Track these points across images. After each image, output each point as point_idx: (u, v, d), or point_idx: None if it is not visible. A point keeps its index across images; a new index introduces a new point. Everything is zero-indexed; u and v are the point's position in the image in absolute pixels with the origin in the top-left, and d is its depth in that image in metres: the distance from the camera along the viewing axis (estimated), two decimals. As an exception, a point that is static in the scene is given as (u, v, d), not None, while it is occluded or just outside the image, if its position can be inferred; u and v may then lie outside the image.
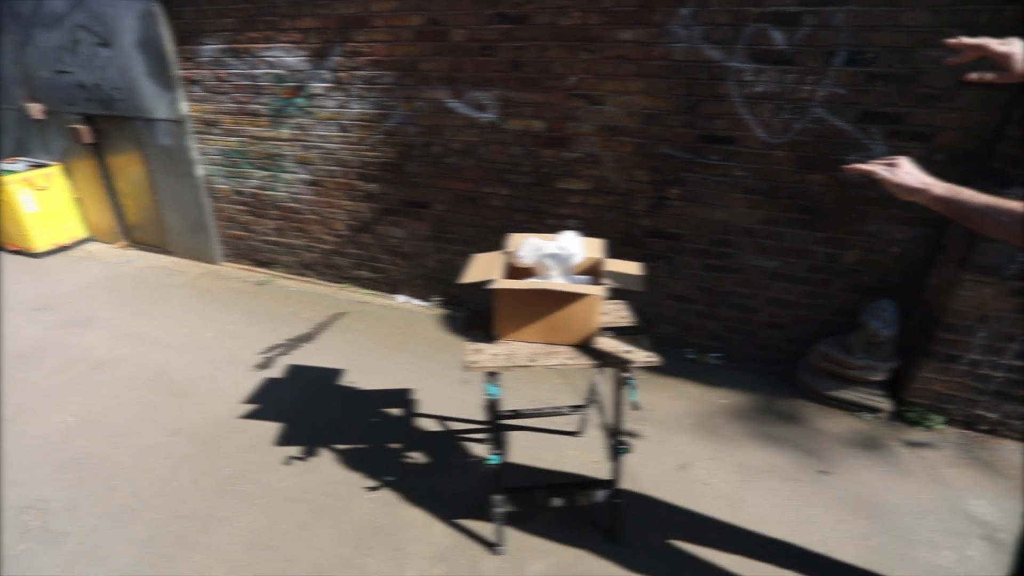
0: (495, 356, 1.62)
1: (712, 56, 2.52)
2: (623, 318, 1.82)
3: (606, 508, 1.97)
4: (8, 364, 3.04)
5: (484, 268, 1.71)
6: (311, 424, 2.60)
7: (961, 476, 2.29)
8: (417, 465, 2.37)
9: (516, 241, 1.82)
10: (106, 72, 3.96)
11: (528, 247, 1.73)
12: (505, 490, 1.88)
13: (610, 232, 2.96)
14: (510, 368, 1.59)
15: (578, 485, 2.00)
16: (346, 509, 2.14)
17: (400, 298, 3.91)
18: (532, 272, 1.76)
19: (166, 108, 3.93)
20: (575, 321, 1.63)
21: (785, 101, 2.48)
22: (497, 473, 1.82)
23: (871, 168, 1.12)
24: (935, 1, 2.13)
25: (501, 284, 1.60)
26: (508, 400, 2.62)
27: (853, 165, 1.14)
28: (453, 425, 2.61)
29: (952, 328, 2.38)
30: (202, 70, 3.75)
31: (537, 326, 1.66)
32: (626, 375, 1.71)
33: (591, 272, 1.79)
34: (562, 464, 2.35)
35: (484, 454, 2.38)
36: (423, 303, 3.84)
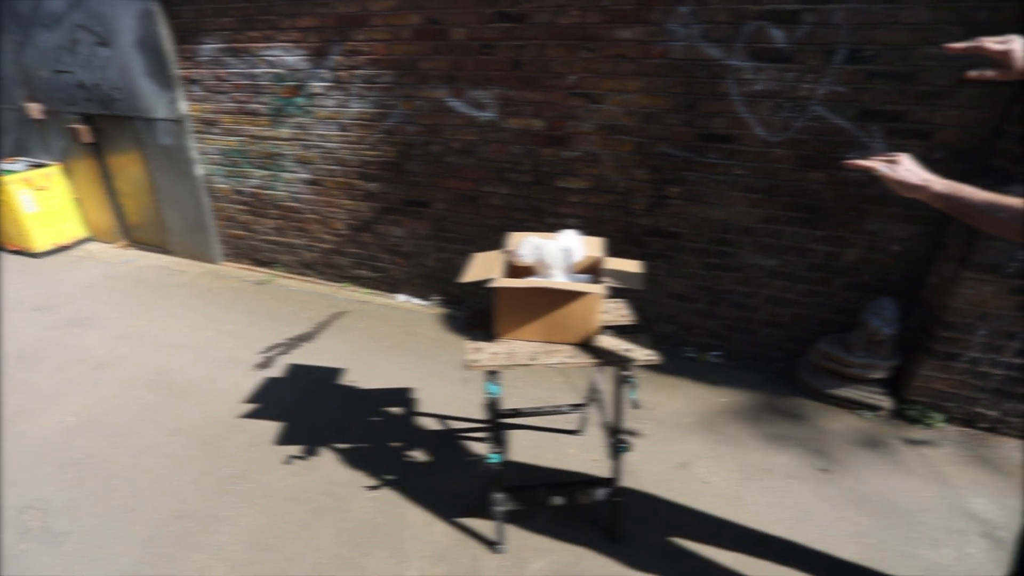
0: (495, 355, 1.62)
1: (711, 54, 2.52)
2: (623, 317, 1.82)
3: (606, 506, 1.97)
4: (8, 364, 3.05)
5: (484, 267, 1.71)
6: (311, 423, 2.60)
7: (961, 474, 2.29)
8: (417, 464, 2.37)
9: (516, 240, 1.82)
10: (105, 72, 3.96)
11: (528, 246, 1.73)
12: (506, 488, 1.88)
13: (610, 231, 2.96)
14: (510, 367, 1.59)
15: (578, 483, 1.99)
16: (346, 508, 2.14)
17: (400, 297, 3.91)
18: (532, 271, 1.76)
19: (166, 108, 3.93)
20: (575, 320, 1.63)
21: (784, 99, 2.48)
22: (497, 472, 1.82)
23: (871, 165, 1.12)
24: (935, -2, 2.13)
25: (501, 283, 1.60)
26: (508, 399, 2.62)
27: (853, 161, 1.14)
28: (453, 424, 2.61)
29: (952, 326, 2.38)
30: (201, 69, 3.75)
31: (537, 325, 1.65)
32: (626, 373, 1.71)
33: (591, 271, 1.79)
34: (562, 463, 2.36)
35: (484, 453, 2.39)
36: (423, 302, 3.84)
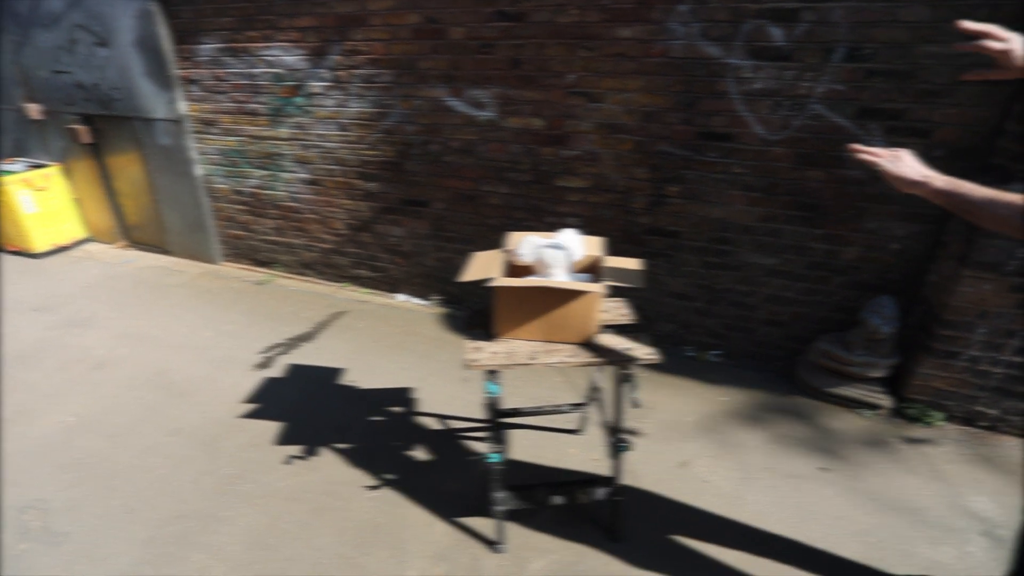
0: (495, 354, 1.62)
1: (710, 53, 2.52)
2: (623, 316, 1.82)
3: (607, 506, 1.97)
4: (8, 364, 3.04)
5: (484, 266, 1.71)
6: (311, 423, 2.60)
7: (961, 472, 2.29)
8: (417, 464, 2.37)
9: (515, 239, 1.82)
10: (104, 72, 3.96)
11: (527, 245, 1.73)
12: (506, 488, 1.88)
13: (609, 230, 2.95)
14: (510, 366, 1.59)
15: (579, 483, 1.99)
16: (346, 508, 2.14)
17: (400, 297, 3.90)
18: (532, 270, 1.76)
19: (165, 108, 3.92)
20: (575, 319, 1.63)
21: (784, 98, 2.48)
22: (498, 471, 1.82)
23: (873, 159, 1.12)
24: (934, -3, 2.13)
25: (501, 282, 1.60)
26: (508, 398, 2.62)
27: (857, 147, 1.15)
28: (453, 424, 2.61)
29: (952, 324, 2.38)
30: (200, 69, 3.74)
31: (537, 324, 1.65)
32: (626, 373, 1.71)
33: (591, 270, 1.79)
34: (563, 462, 2.36)
35: (484, 452, 2.38)
36: (423, 302, 3.84)
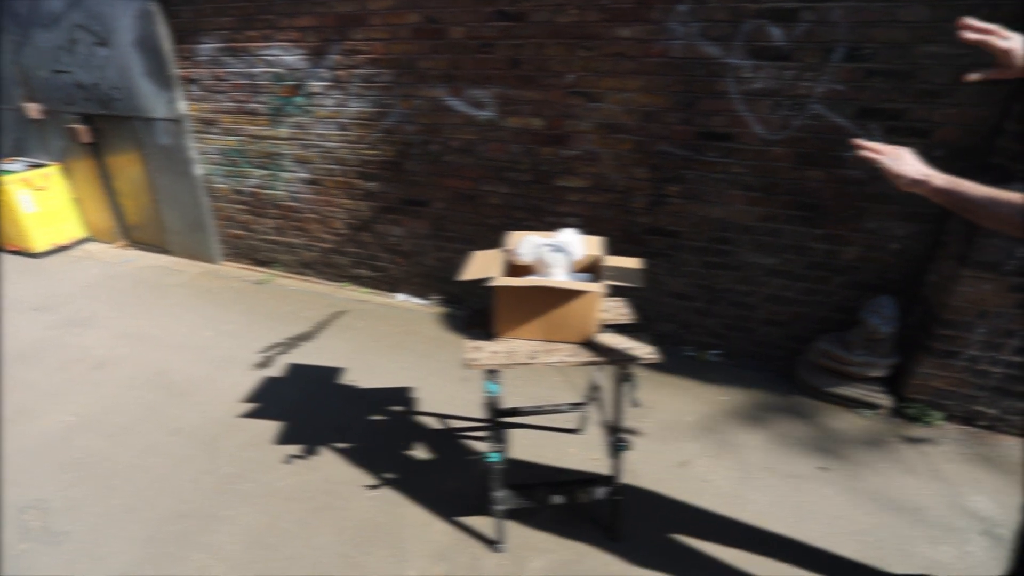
0: (495, 354, 1.62)
1: (710, 53, 2.52)
2: (623, 315, 1.82)
3: (606, 505, 1.97)
4: (8, 364, 3.04)
5: (483, 266, 1.71)
6: (311, 423, 2.60)
7: (960, 472, 2.30)
8: (417, 463, 2.37)
9: (515, 239, 1.82)
10: (104, 71, 3.96)
11: (527, 244, 1.73)
12: (506, 487, 1.88)
13: (609, 230, 2.95)
14: (510, 366, 1.59)
15: (578, 482, 1.99)
16: (346, 507, 2.14)
17: (399, 296, 3.91)
18: (531, 270, 1.76)
19: (164, 107, 3.92)
20: (575, 318, 1.63)
21: (783, 97, 2.48)
22: (497, 470, 1.82)
23: (875, 156, 1.13)
24: (933, -3, 2.13)
25: (501, 282, 1.60)
26: (508, 398, 2.62)
27: (860, 142, 1.15)
28: (453, 423, 2.61)
29: (951, 324, 2.38)
30: (200, 69, 3.74)
31: (537, 324, 1.65)
32: (626, 372, 1.71)
33: (591, 269, 1.79)
34: (562, 461, 2.36)
35: (484, 452, 2.39)
36: (422, 301, 3.84)
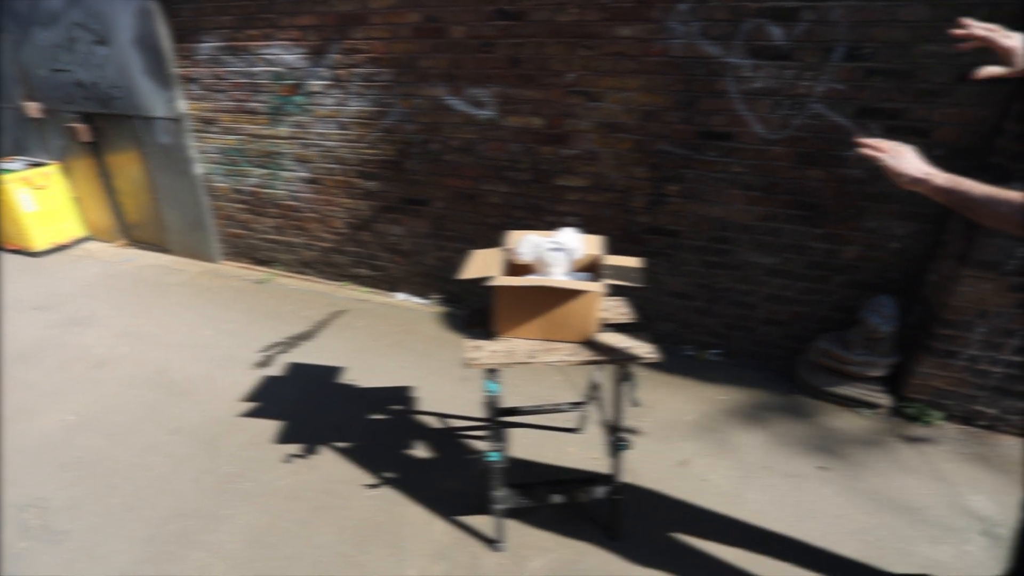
0: (494, 353, 1.62)
1: (710, 52, 2.51)
2: (622, 315, 1.82)
3: (606, 504, 1.97)
4: (8, 363, 3.04)
5: (483, 265, 1.71)
6: (311, 422, 2.60)
7: (960, 471, 2.30)
8: (417, 462, 2.37)
9: (515, 238, 1.82)
10: (104, 70, 3.95)
11: (527, 244, 1.73)
12: (505, 486, 1.89)
13: (609, 229, 2.94)
14: (509, 365, 1.59)
15: (578, 481, 2.00)
16: (346, 507, 2.14)
17: (399, 296, 3.91)
18: (531, 269, 1.76)
19: (164, 106, 3.92)
20: (574, 318, 1.63)
21: (783, 97, 2.48)
22: (497, 470, 1.82)
23: (876, 154, 1.13)
24: (934, -4, 2.13)
25: (500, 281, 1.60)
26: (508, 397, 2.62)
27: (862, 139, 1.15)
28: (453, 422, 2.61)
29: (951, 324, 2.38)
30: (200, 68, 3.74)
31: (537, 323, 1.66)
32: (626, 371, 1.71)
33: (590, 269, 1.79)
34: (562, 461, 2.36)
35: (484, 451, 2.39)
36: (422, 301, 3.84)
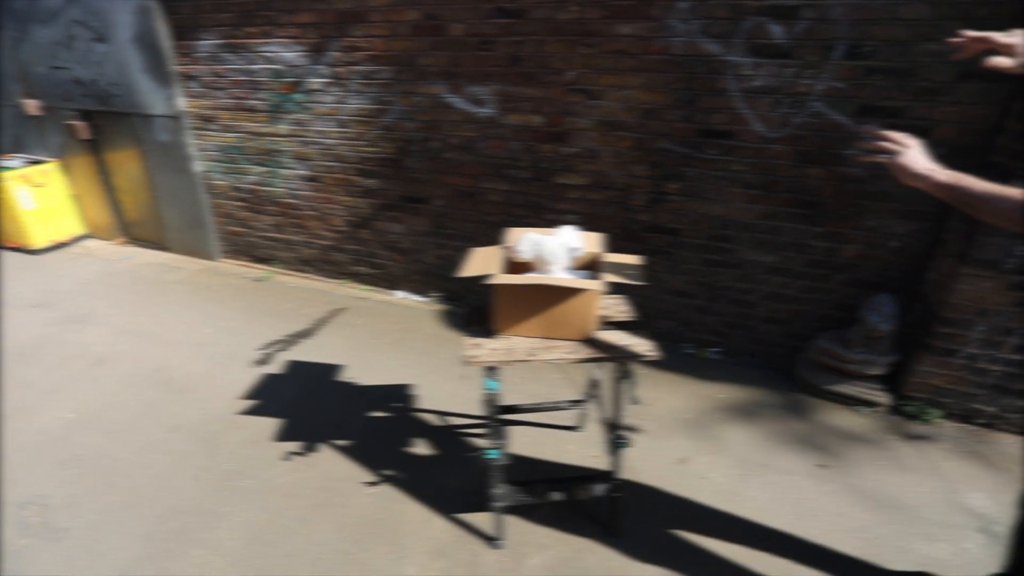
0: (494, 351, 1.62)
1: (710, 50, 2.51)
2: (622, 313, 1.82)
3: (606, 502, 1.97)
4: (7, 361, 3.04)
5: (483, 263, 1.71)
6: (310, 420, 2.60)
7: (958, 469, 2.30)
8: (416, 460, 2.37)
9: (515, 236, 1.82)
10: (103, 68, 3.94)
11: (527, 242, 1.73)
12: (505, 484, 1.89)
13: (609, 227, 2.93)
14: (509, 363, 1.59)
15: (578, 479, 2.00)
16: (345, 504, 2.14)
17: (399, 294, 3.90)
18: (531, 267, 1.76)
19: (163, 104, 3.91)
20: (574, 316, 1.63)
21: (784, 95, 2.47)
22: (497, 467, 1.82)
23: (881, 148, 1.13)
24: (934, -6, 2.12)
25: (500, 279, 1.60)
26: (507, 395, 2.61)
27: (871, 131, 1.15)
28: (452, 420, 2.62)
29: (951, 322, 2.38)
30: (199, 65, 3.73)
31: (536, 321, 1.65)
32: (625, 369, 1.71)
33: (590, 267, 1.79)
34: (562, 459, 2.36)
35: (483, 449, 2.38)
36: (422, 299, 3.84)
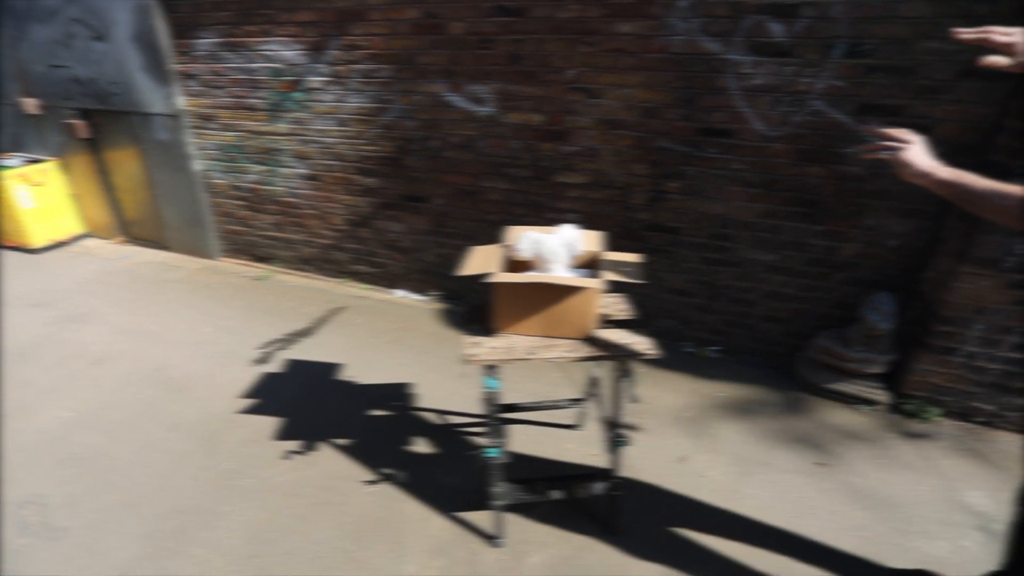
0: (494, 349, 1.62)
1: (710, 49, 2.51)
2: (622, 311, 1.82)
3: (605, 500, 1.97)
4: (6, 360, 3.04)
5: (482, 261, 1.71)
6: (310, 419, 2.60)
7: (957, 467, 2.31)
8: (416, 459, 2.37)
9: (515, 235, 1.82)
10: (102, 66, 3.94)
11: (527, 240, 1.73)
12: (504, 482, 1.89)
13: (609, 226, 2.93)
14: (509, 361, 1.59)
15: (577, 477, 2.00)
16: (345, 503, 2.14)
17: (399, 293, 3.90)
18: (531, 265, 1.76)
19: (162, 103, 3.91)
20: (574, 314, 1.63)
21: (783, 94, 2.47)
22: (496, 466, 1.82)
23: (884, 145, 1.13)
24: (934, -8, 2.12)
25: (500, 277, 1.60)
26: (507, 394, 2.61)
27: (873, 129, 1.16)
28: (452, 419, 2.62)
29: (949, 321, 2.38)
30: (198, 64, 3.73)
31: (536, 319, 1.65)
32: (625, 368, 1.71)
33: (590, 265, 1.79)
34: (561, 457, 2.36)
35: (483, 447, 2.39)
36: (422, 298, 3.83)
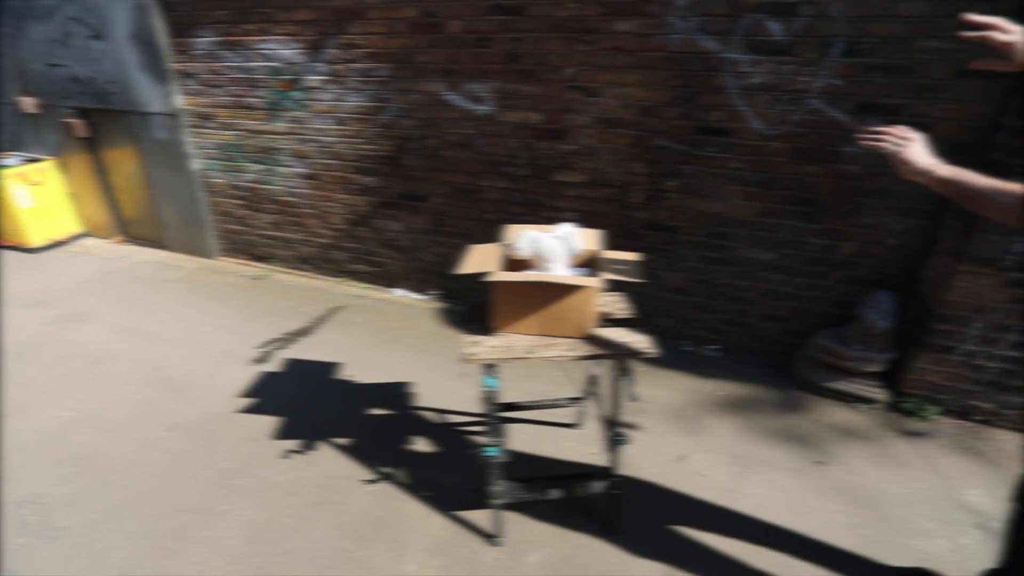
0: (493, 348, 1.62)
1: (709, 47, 2.51)
2: (621, 310, 1.83)
3: (604, 499, 1.97)
4: (5, 360, 3.03)
5: (481, 260, 1.71)
6: (309, 418, 2.60)
7: (956, 466, 2.31)
8: (415, 458, 2.37)
9: (513, 233, 1.82)
10: (100, 65, 3.93)
11: (525, 239, 1.73)
12: (504, 481, 1.89)
13: (607, 225, 2.94)
14: (508, 360, 1.59)
15: (576, 476, 2.00)
16: (344, 502, 2.14)
17: (397, 292, 3.90)
18: (530, 264, 1.76)
19: (161, 102, 3.90)
20: (573, 313, 1.63)
21: (782, 92, 2.47)
22: (495, 465, 1.82)
23: (883, 142, 1.13)
24: (932, -9, 2.12)
25: (499, 276, 1.60)
26: (506, 393, 2.62)
27: (871, 127, 1.16)
28: (451, 418, 2.62)
29: (948, 319, 2.39)
30: (196, 63, 3.72)
31: (535, 318, 1.66)
32: (624, 367, 1.71)
33: (589, 264, 1.79)
34: (561, 456, 2.36)
35: (482, 446, 2.39)
36: (420, 297, 3.83)
